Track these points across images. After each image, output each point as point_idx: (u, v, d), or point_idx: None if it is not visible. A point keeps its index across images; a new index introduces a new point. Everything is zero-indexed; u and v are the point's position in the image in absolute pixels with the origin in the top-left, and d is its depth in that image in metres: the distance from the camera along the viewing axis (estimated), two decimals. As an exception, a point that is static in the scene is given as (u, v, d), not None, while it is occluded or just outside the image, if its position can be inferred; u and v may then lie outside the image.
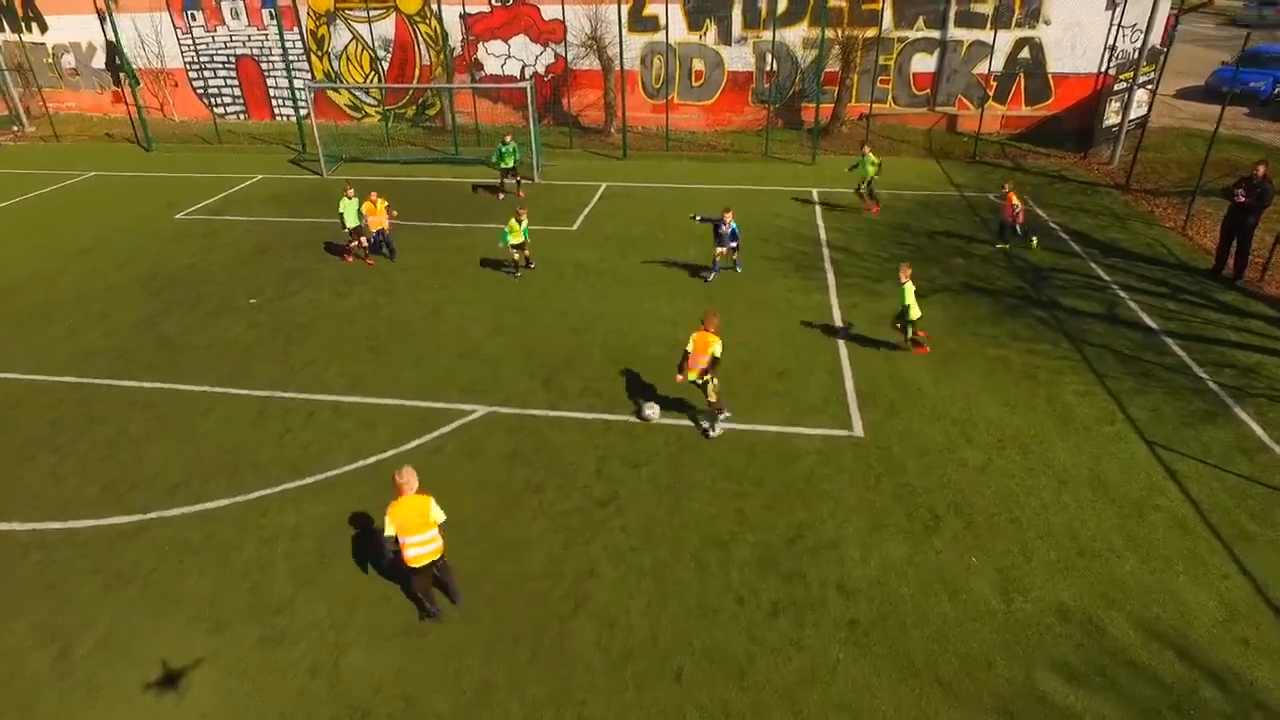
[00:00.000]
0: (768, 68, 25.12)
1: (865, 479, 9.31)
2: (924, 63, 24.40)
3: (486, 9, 26.11)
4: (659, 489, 9.19)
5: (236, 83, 29.59)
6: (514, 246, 14.62)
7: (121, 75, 26.73)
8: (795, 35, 24.58)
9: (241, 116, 30.18)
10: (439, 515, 7.14)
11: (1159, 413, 10.47)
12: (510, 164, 19.19)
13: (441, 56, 26.64)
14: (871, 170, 17.87)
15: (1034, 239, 15.80)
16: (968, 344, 12.25)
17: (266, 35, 28.09)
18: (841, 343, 12.34)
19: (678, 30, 24.96)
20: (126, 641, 7.38)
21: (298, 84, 26.82)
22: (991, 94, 23.57)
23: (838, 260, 15.56)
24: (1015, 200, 15.58)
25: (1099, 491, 9.04)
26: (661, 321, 13.16)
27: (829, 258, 15.72)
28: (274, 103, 29.61)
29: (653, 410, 10.53)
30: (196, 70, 29.69)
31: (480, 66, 27.22)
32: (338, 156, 23.60)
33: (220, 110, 30.06)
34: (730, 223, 14.24)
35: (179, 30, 29.05)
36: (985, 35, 23.21)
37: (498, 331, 12.92)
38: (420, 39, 27.26)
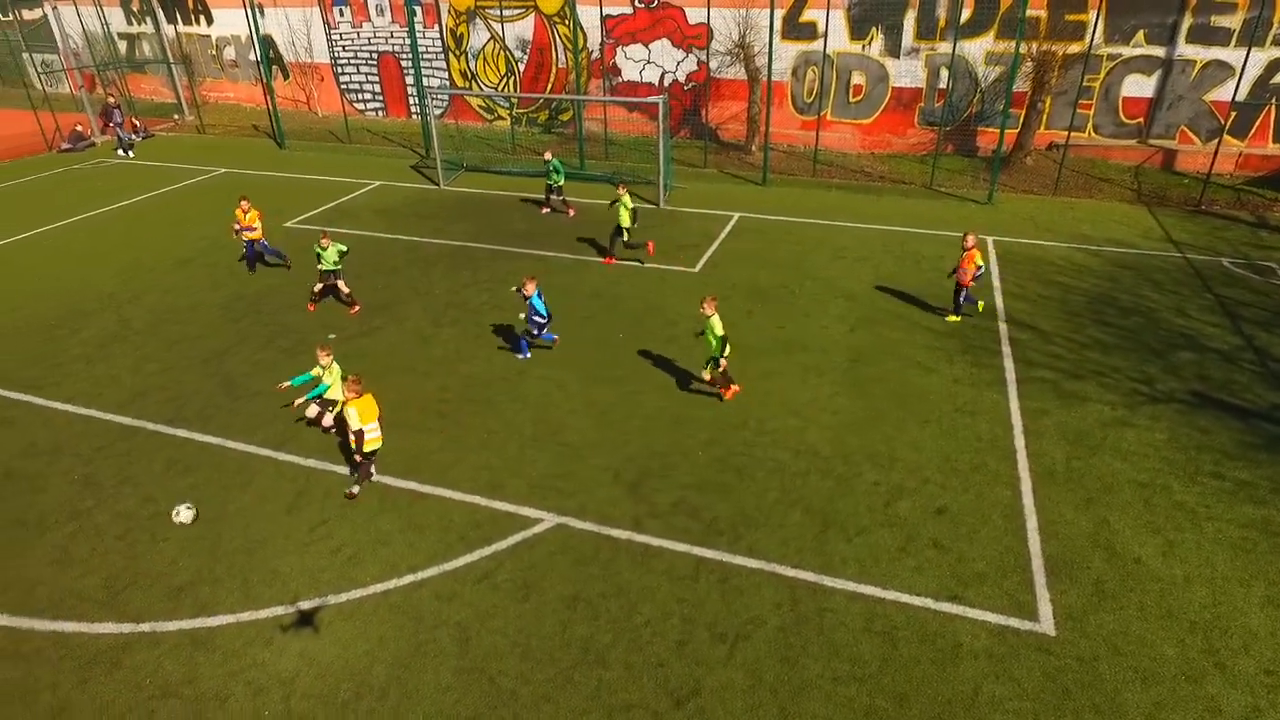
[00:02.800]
0: (940, 84, 21.68)
1: (1059, 715, 6.47)
2: (1139, 85, 20.20)
3: (629, 10, 24.16)
4: (758, 687, 6.74)
5: (377, 79, 29.35)
6: (319, 401, 10.04)
7: (273, 68, 26.89)
8: (978, 48, 21.03)
9: (380, 114, 29.95)
10: None
11: None
12: (557, 181, 18.01)
13: (577, 60, 24.96)
14: (625, 216, 14.48)
15: (954, 315, 12.93)
16: (1209, 494, 8.92)
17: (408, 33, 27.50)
18: (1025, 472, 9.33)
19: (838, 39, 21.98)
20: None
21: (428, 83, 25.98)
22: (1227, 126, 19.11)
23: (1019, 341, 12.34)
24: (979, 261, 12.28)
25: None
26: (787, 411, 10.59)
27: (1007, 336, 12.53)
28: (410, 101, 29.14)
29: (185, 513, 8.60)
30: (341, 65, 29.70)
31: (618, 72, 25.33)
32: (458, 164, 22.37)
33: (360, 106, 29.98)
34: (530, 292, 11.28)
35: (328, 25, 29.09)
36: (1229, 54, 18.79)
37: (586, 408, 10.78)
38: (559, 40, 25.72)
